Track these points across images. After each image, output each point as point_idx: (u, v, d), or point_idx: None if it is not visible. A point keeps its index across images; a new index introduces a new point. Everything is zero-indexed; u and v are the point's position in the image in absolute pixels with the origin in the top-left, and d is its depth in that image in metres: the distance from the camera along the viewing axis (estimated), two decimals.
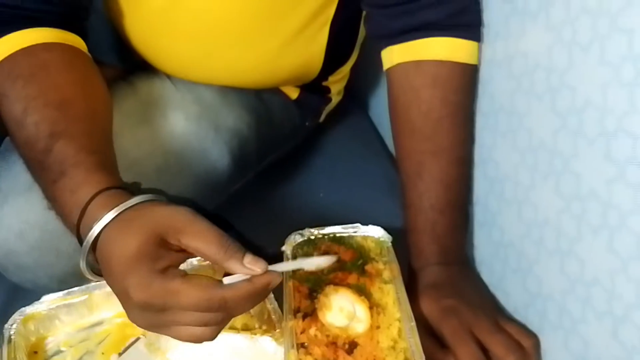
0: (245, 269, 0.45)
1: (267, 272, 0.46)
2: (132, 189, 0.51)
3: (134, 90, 0.68)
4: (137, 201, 0.47)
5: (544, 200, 0.53)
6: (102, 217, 0.46)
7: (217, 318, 0.45)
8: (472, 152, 0.65)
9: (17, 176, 0.58)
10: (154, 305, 0.43)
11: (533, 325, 0.56)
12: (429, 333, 0.57)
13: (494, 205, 0.62)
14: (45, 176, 0.51)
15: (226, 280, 0.46)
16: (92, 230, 0.46)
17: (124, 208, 0.46)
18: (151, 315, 0.44)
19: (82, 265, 0.49)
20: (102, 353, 0.58)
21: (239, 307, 0.46)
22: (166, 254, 0.45)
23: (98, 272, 0.50)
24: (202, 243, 0.45)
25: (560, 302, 0.51)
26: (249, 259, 0.46)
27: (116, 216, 0.46)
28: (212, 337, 0.47)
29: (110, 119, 0.58)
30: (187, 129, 0.66)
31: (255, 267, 0.45)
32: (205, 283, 0.44)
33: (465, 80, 0.63)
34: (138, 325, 0.47)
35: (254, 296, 0.47)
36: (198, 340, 0.46)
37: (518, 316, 0.59)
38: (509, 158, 0.58)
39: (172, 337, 0.46)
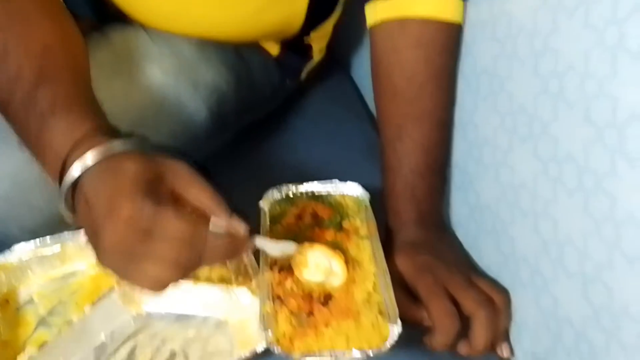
0: (232, 223, 0.45)
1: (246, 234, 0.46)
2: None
3: (108, 42, 0.65)
4: (132, 146, 0.44)
5: (521, 163, 0.54)
6: (92, 153, 0.43)
7: (190, 260, 0.43)
8: (453, 115, 0.65)
9: None
10: (137, 229, 0.41)
11: (505, 284, 0.58)
12: (403, 288, 0.58)
13: (472, 168, 0.62)
14: (29, 119, 0.47)
15: (213, 223, 0.45)
16: (81, 163, 0.43)
17: (118, 148, 0.44)
18: (127, 247, 0.42)
19: (62, 206, 0.46)
20: (76, 303, 0.57)
21: (213, 254, 0.45)
22: (158, 194, 0.43)
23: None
24: (197, 189, 0.45)
25: (532, 262, 0.53)
26: (235, 215, 0.45)
27: (108, 156, 0.43)
28: (172, 281, 0.44)
29: (88, 70, 0.56)
30: (164, 83, 0.64)
31: (240, 224, 0.45)
32: (194, 218, 0.43)
33: (450, 41, 0.62)
34: (106, 264, 0.43)
35: (229, 251, 0.46)
36: (161, 284, 0.44)
37: (491, 274, 0.60)
38: (489, 121, 0.58)
39: (136, 281, 0.44)
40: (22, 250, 0.58)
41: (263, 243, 0.54)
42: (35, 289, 0.58)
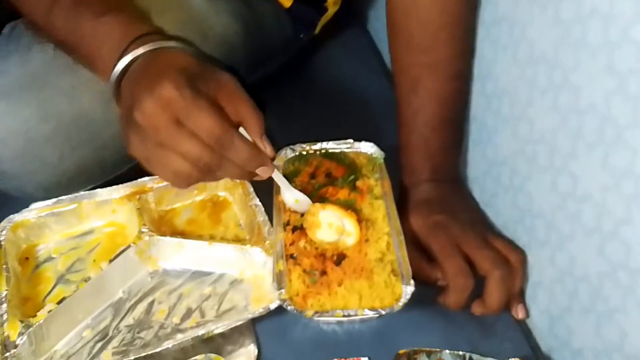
0: (262, 141, 0.48)
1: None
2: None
3: None
4: (185, 48, 0.51)
5: (540, 117, 0.51)
6: (147, 44, 0.49)
7: (211, 161, 0.46)
8: (471, 66, 0.62)
9: None
10: (171, 113, 0.44)
11: (521, 242, 0.57)
12: (417, 247, 0.57)
13: (490, 122, 0.60)
14: (81, 18, 0.51)
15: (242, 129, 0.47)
16: (135, 51, 0.49)
17: (171, 45, 0.50)
18: (158, 129, 0.44)
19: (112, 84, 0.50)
20: (94, 260, 0.58)
21: (233, 165, 0.47)
22: (200, 91, 0.45)
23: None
24: (239, 102, 0.46)
25: (549, 219, 0.51)
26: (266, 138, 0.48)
27: (162, 47, 0.49)
28: (191, 180, 0.47)
29: None
30: (171, 34, 0.63)
31: (268, 144, 0.48)
32: (227, 121, 0.45)
33: None
34: (133, 148, 0.46)
35: (249, 166, 0.48)
36: (182, 179, 0.46)
37: (507, 232, 0.59)
38: (509, 72, 0.56)
39: (159, 171, 0.47)
40: (40, 208, 0.59)
41: (281, 180, 0.55)
42: (53, 245, 0.60)
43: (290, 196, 0.57)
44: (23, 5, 0.55)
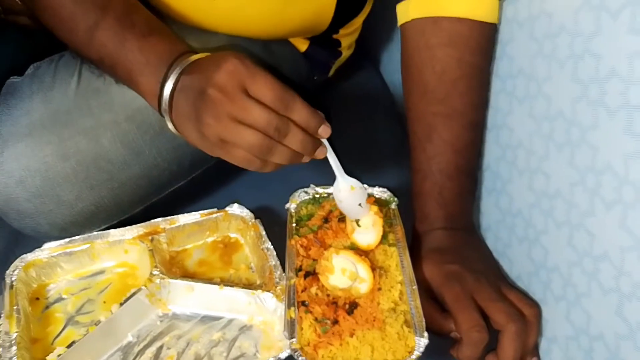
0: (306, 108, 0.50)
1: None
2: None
3: None
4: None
5: (557, 171, 0.51)
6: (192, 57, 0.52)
7: (279, 124, 0.48)
8: (485, 116, 0.63)
9: (17, 121, 0.57)
10: (240, 77, 0.48)
11: (536, 295, 0.56)
12: (430, 297, 0.56)
13: (505, 172, 0.60)
14: (125, 39, 0.54)
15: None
16: (184, 63, 0.52)
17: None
18: (231, 98, 0.47)
19: (164, 102, 0.52)
20: (104, 302, 0.58)
21: (300, 120, 0.50)
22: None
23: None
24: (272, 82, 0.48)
25: (565, 274, 0.51)
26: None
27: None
28: (254, 164, 0.51)
29: None
30: None
31: (320, 117, 0.52)
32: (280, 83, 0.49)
33: (484, 40, 0.60)
34: (206, 125, 0.49)
35: (303, 148, 0.51)
36: (253, 151, 0.49)
37: (521, 284, 0.58)
38: (524, 125, 0.56)
39: (230, 148, 0.50)
40: (52, 247, 0.59)
41: (335, 164, 0.57)
42: (64, 285, 0.60)
43: (344, 184, 0.57)
44: (63, 22, 0.56)
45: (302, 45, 0.78)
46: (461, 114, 0.61)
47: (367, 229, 0.58)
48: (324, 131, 0.53)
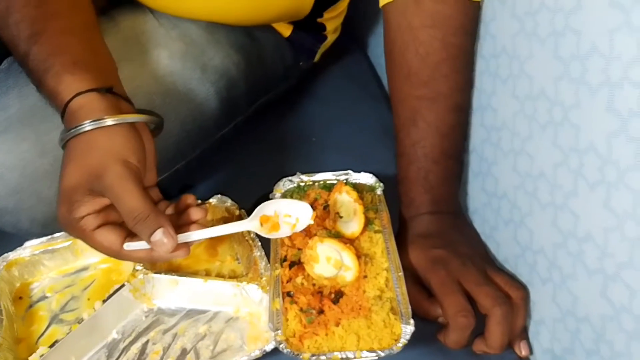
0: (148, 243, 0.46)
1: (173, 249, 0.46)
2: (108, 90, 0.50)
3: (115, 25, 0.64)
4: (86, 128, 0.47)
5: (540, 152, 0.50)
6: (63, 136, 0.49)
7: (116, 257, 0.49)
8: (470, 98, 0.61)
9: None
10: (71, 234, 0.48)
11: (522, 278, 0.55)
12: (416, 283, 0.56)
13: (490, 154, 0.59)
14: (31, 80, 0.52)
15: (126, 246, 0.47)
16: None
17: (69, 137, 0.48)
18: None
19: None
20: (88, 299, 0.58)
21: (137, 262, 0.51)
22: (88, 202, 0.47)
23: None
24: (117, 202, 0.46)
25: (550, 256, 0.50)
26: (158, 236, 0.45)
27: (72, 137, 0.48)
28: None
29: (93, 12, 0.56)
30: (171, 68, 0.63)
31: (160, 245, 0.46)
32: (106, 244, 0.47)
33: (468, 20, 0.59)
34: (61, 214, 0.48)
35: (151, 261, 0.50)
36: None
37: (508, 267, 0.58)
38: (508, 105, 0.55)
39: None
40: (34, 245, 0.58)
41: (217, 229, 0.50)
42: (47, 283, 0.59)
43: (234, 229, 0.51)
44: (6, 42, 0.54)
45: (286, 31, 0.76)
46: (446, 96, 0.60)
47: (349, 218, 0.57)
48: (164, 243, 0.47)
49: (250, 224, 0.51)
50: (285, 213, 0.52)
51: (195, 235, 0.48)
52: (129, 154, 0.47)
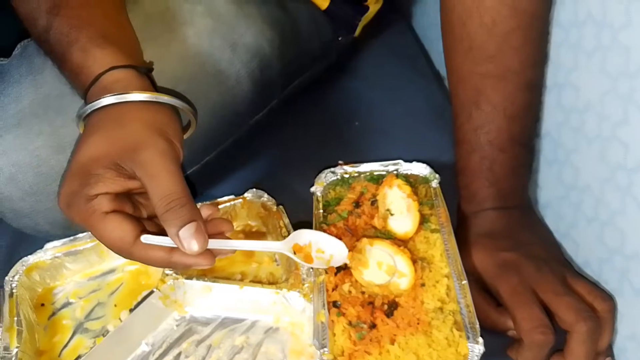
0: (173, 238, 0.40)
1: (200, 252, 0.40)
2: (140, 68, 0.46)
3: (135, 2, 0.58)
4: (131, 98, 0.43)
5: (636, 138, 0.42)
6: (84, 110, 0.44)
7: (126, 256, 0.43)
8: (544, 74, 0.53)
9: (4, 108, 0.51)
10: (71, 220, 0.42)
11: (608, 286, 0.48)
12: (481, 290, 0.49)
13: (569, 140, 0.51)
14: (52, 57, 0.48)
15: (144, 238, 0.40)
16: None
17: (96, 107, 0.43)
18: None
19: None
20: (115, 305, 0.53)
21: (149, 264, 0.43)
22: (109, 179, 0.41)
23: None
24: (151, 182, 0.40)
25: None
26: (188, 232, 0.39)
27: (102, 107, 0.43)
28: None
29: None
30: (198, 48, 0.56)
31: (185, 243, 0.39)
32: (118, 233, 0.40)
33: None
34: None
35: (168, 265, 0.42)
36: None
37: (590, 272, 0.50)
38: (595, 83, 0.46)
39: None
40: (56, 247, 0.54)
41: (252, 244, 0.48)
42: (71, 288, 0.54)
43: (273, 249, 0.49)
44: (23, 19, 0.50)
45: (323, 2, 0.69)
46: (515, 73, 0.52)
47: (402, 215, 0.50)
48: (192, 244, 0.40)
49: (283, 247, 0.46)
50: (318, 248, 0.47)
51: (225, 244, 0.42)
52: (172, 133, 0.43)
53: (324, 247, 0.47)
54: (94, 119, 0.44)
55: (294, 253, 0.46)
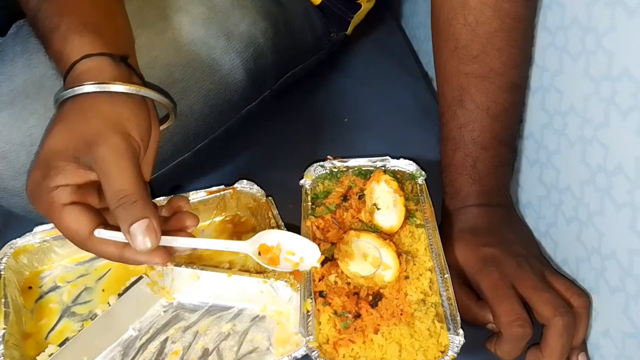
0: (125, 234, 0.39)
1: (152, 250, 0.39)
2: (122, 58, 0.46)
3: None
4: (87, 89, 0.42)
5: (619, 143, 0.44)
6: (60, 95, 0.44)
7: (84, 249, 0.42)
8: (528, 75, 0.54)
9: None
10: (37, 210, 0.42)
11: (585, 284, 0.49)
12: (463, 284, 0.50)
13: (551, 142, 0.53)
14: (40, 40, 0.48)
15: (97, 232, 0.40)
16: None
17: (66, 96, 0.43)
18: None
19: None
20: (102, 290, 0.53)
21: (103, 257, 0.43)
22: (69, 172, 0.41)
23: None
24: (104, 179, 0.40)
25: (625, 263, 0.44)
26: (140, 227, 0.39)
27: (69, 97, 0.43)
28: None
29: None
30: (193, 36, 0.57)
31: (138, 240, 0.39)
32: (74, 226, 0.40)
33: None
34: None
35: (120, 260, 0.42)
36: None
37: (567, 270, 0.52)
38: (578, 87, 0.48)
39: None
40: (45, 231, 0.54)
41: (214, 243, 0.44)
42: (59, 272, 0.54)
43: (237, 248, 0.45)
44: None
45: None
46: (499, 73, 0.53)
47: (388, 210, 0.51)
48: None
49: (247, 247, 0.44)
50: (289, 249, 0.45)
51: (182, 242, 0.42)
52: (132, 127, 0.42)
53: (295, 249, 0.45)
54: (63, 108, 0.43)
55: (259, 254, 0.44)
